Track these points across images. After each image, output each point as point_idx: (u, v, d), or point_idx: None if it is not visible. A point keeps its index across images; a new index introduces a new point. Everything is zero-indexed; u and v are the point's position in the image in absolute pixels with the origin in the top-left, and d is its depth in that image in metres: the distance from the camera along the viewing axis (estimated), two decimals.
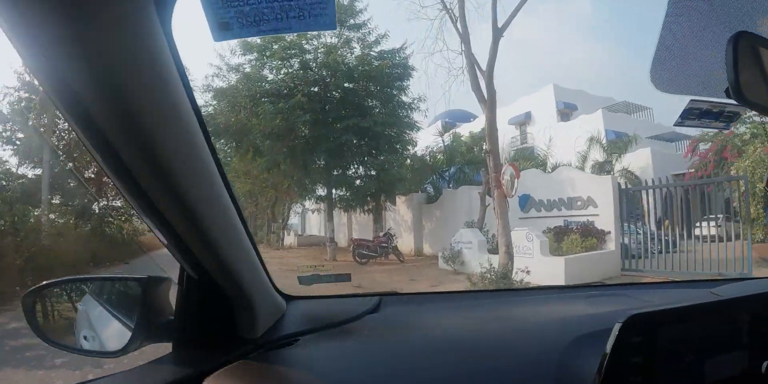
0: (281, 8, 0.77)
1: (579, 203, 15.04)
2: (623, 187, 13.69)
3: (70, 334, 1.37)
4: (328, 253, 19.60)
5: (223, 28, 0.77)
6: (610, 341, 0.79)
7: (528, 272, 9.92)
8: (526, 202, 16.47)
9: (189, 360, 1.05)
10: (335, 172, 18.98)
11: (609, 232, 13.34)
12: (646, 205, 13.11)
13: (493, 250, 12.62)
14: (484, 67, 11.25)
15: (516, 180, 11.16)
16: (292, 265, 17.65)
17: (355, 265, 16.86)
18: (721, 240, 11.14)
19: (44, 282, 1.26)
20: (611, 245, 13.18)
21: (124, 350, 1.10)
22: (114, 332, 1.22)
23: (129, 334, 1.11)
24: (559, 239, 13.54)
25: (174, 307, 1.13)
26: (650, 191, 12.64)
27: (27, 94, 20.42)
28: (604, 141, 22.43)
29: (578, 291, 1.84)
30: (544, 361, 1.01)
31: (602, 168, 20.75)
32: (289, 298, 1.38)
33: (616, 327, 0.80)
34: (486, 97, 11.12)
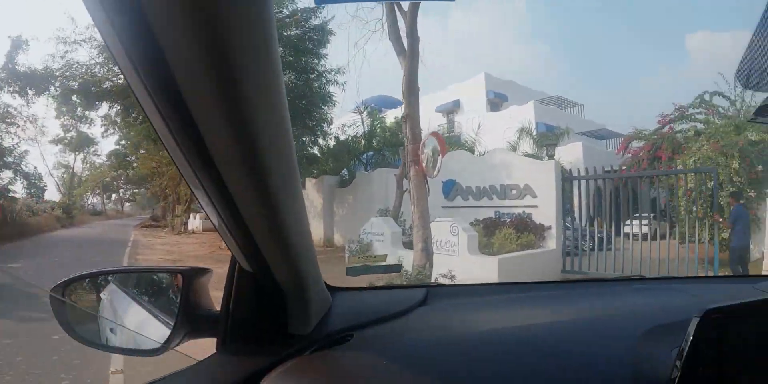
0: None
1: (514, 192, 12.37)
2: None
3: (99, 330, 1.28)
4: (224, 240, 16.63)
5: None
6: (688, 334, 0.74)
7: (452, 278, 7.40)
8: (451, 188, 13.85)
9: (242, 358, 0.94)
10: None
11: (549, 227, 11.13)
12: (577, 200, 11.42)
13: (410, 245, 10.10)
14: (405, 7, 8.43)
15: (440, 156, 8.56)
16: (181, 254, 15.15)
17: None
18: (650, 239, 10.29)
19: (73, 275, 1.14)
20: (551, 243, 10.98)
21: (164, 347, 1.00)
22: (149, 327, 1.15)
23: (166, 328, 1.04)
24: (489, 233, 11.00)
25: (211, 300, 1.08)
26: (582, 185, 10.98)
27: None
28: (534, 133, 21.24)
29: (622, 284, 1.74)
30: (618, 353, 0.93)
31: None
32: (333, 289, 1.22)
33: (694, 321, 0.75)
34: (406, 46, 8.30)
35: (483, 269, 8.55)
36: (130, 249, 16.95)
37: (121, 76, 9.11)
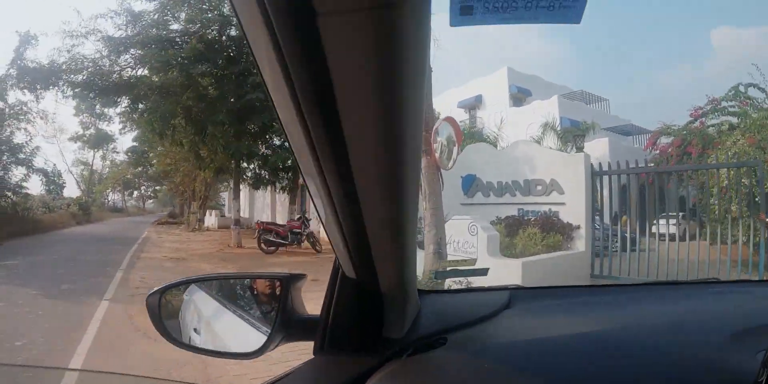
0: None
1: (539, 188, 11.35)
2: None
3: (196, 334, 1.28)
4: (232, 237, 16.42)
5: (465, 12, 0.68)
6: None
7: (468, 285, 6.05)
8: (470, 183, 12.80)
9: (342, 361, 0.96)
10: (242, 140, 14.73)
11: (578, 227, 10.14)
12: (607, 198, 10.38)
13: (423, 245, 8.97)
14: None
15: (456, 146, 7.34)
16: (187, 252, 14.59)
17: (259, 255, 13.84)
18: (683, 239, 9.30)
19: (171, 282, 1.16)
20: (580, 244, 9.97)
21: (262, 350, 1.00)
22: (240, 331, 1.14)
23: (256, 332, 1.06)
24: (511, 233, 10.04)
25: (304, 304, 1.07)
26: (610, 181, 10.04)
27: None
28: (558, 128, 20.23)
29: (698, 288, 1.70)
30: (702, 357, 0.91)
31: None
32: (420, 292, 1.17)
33: None
34: None
35: (504, 273, 7.52)
36: (137, 246, 16.47)
37: (128, 69, 7.84)
